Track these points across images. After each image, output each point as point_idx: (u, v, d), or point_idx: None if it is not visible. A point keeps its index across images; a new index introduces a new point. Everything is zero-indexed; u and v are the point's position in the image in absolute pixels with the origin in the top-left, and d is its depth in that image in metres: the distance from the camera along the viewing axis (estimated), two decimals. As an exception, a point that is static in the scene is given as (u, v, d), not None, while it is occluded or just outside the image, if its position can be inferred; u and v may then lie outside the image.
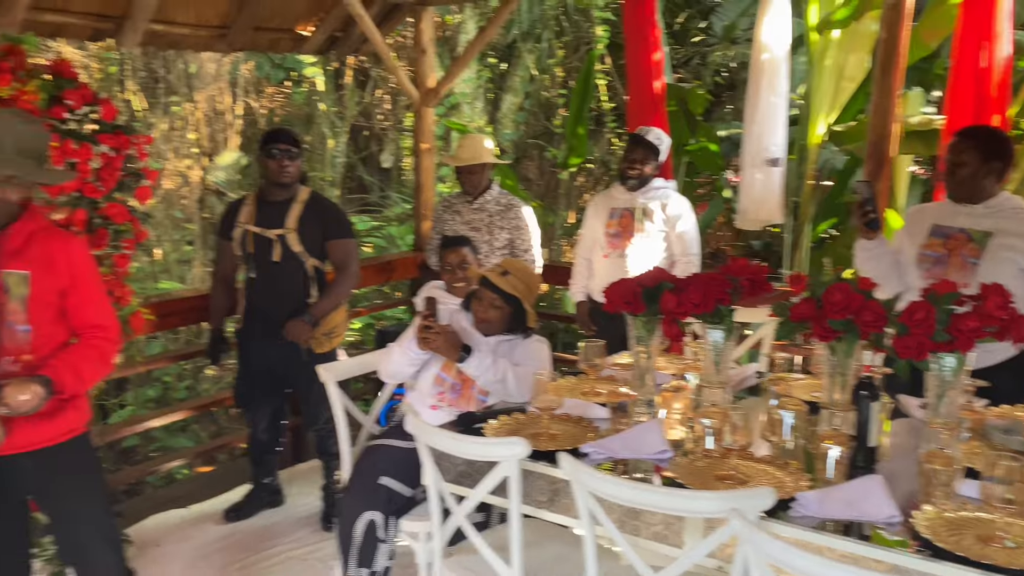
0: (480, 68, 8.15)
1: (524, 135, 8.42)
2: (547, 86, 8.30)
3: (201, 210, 8.18)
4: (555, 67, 8.26)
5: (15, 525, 2.14)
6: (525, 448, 1.92)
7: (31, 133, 1.95)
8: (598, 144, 7.84)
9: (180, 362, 6.55)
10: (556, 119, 8.16)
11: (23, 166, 1.92)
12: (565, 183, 7.45)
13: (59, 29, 3.63)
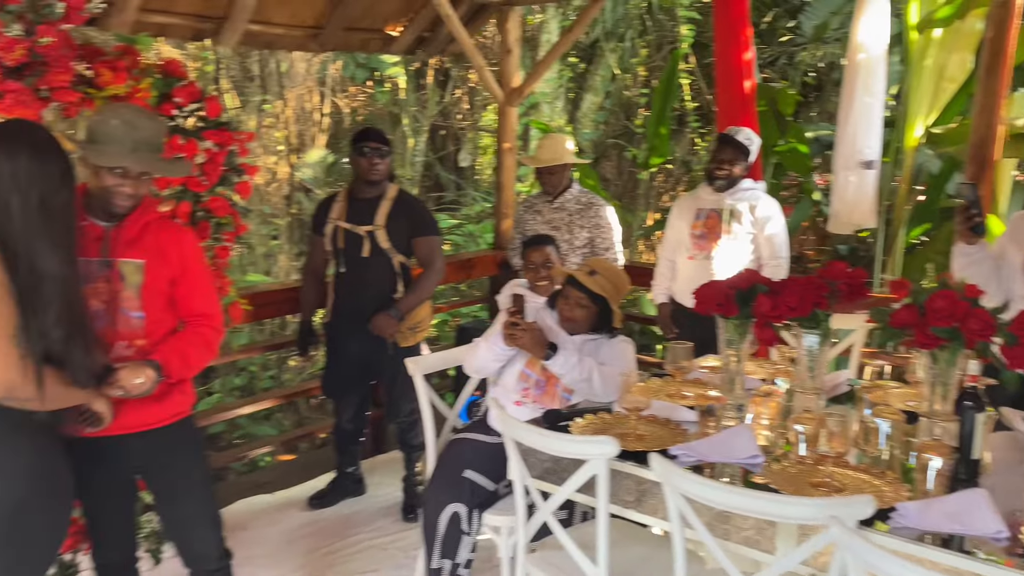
0: (561, 67, 8.16)
1: (604, 135, 8.38)
2: (628, 85, 8.24)
3: (288, 206, 8.41)
4: (637, 66, 8.19)
5: (124, 502, 2.25)
6: (615, 447, 1.93)
7: (152, 129, 2.04)
8: (679, 144, 7.75)
9: (266, 353, 6.76)
10: (637, 119, 8.09)
11: (152, 162, 2.02)
12: (644, 183, 7.39)
13: (164, 29, 3.78)
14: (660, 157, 6.35)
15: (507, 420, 2.16)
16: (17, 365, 1.65)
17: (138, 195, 2.05)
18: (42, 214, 1.73)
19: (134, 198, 2.04)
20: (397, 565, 3.21)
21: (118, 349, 2.03)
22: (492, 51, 8.32)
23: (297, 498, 3.81)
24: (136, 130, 1.99)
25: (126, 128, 1.98)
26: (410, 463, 3.70)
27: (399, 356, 3.44)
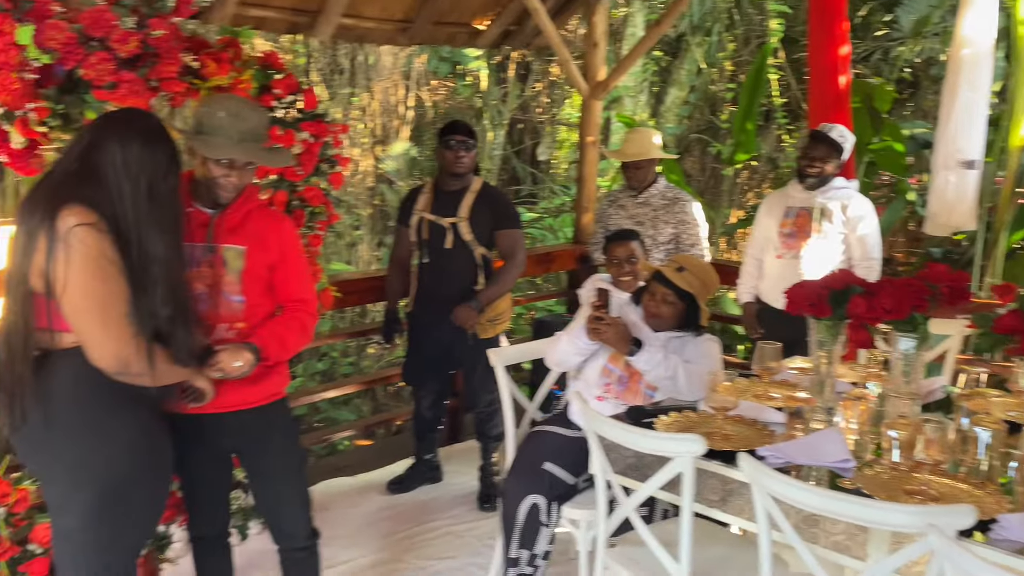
0: (645, 61, 8.07)
1: (687, 129, 8.27)
2: (714, 80, 8.10)
3: (371, 197, 8.57)
4: (724, 61, 8.05)
5: (220, 476, 2.34)
6: (701, 445, 1.91)
7: (256, 120, 2.10)
8: (766, 141, 7.59)
9: (348, 339, 6.92)
10: (723, 114, 7.95)
11: (257, 152, 2.09)
12: (728, 180, 7.25)
13: (261, 23, 3.90)
14: (746, 153, 6.23)
15: (591, 414, 2.16)
16: (131, 342, 1.73)
17: (242, 184, 2.12)
18: (151, 199, 1.81)
19: (239, 188, 2.11)
20: (474, 552, 3.24)
21: (219, 331, 2.11)
22: (575, 45, 8.31)
23: (376, 482, 3.89)
24: (242, 121, 2.06)
25: (232, 120, 2.05)
26: (487, 453, 3.74)
27: (479, 347, 3.50)
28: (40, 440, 1.80)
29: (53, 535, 1.91)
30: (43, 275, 1.70)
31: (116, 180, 1.77)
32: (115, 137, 1.79)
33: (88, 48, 2.17)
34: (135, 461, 1.86)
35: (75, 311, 1.71)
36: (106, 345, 1.72)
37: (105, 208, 1.74)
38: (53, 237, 1.67)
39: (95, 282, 1.69)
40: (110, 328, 1.71)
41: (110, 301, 1.71)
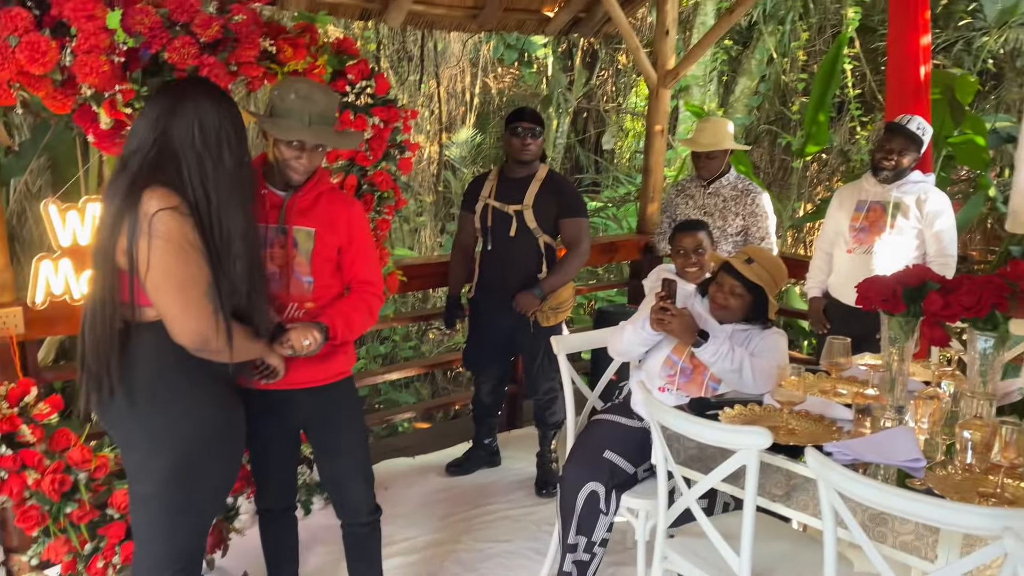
0: (714, 50, 7.94)
1: (757, 120, 8.11)
2: (786, 70, 7.93)
3: (435, 183, 8.65)
4: (797, 50, 7.87)
5: (289, 451, 2.41)
6: (767, 439, 1.89)
7: (327, 103, 2.14)
8: (838, 133, 7.40)
9: (409, 323, 7.02)
10: (794, 105, 7.78)
11: (327, 134, 2.12)
12: (797, 172, 7.10)
13: (334, 9, 3.96)
14: (817, 145, 6.08)
15: (654, 404, 2.15)
16: (210, 319, 1.79)
17: (312, 166, 2.16)
18: (231, 177, 1.85)
19: (309, 169, 2.15)
20: (530, 537, 3.27)
21: (290, 310, 2.16)
22: (643, 33, 8.22)
23: (435, 464, 3.95)
24: (313, 104, 2.09)
25: (303, 102, 2.09)
26: (545, 440, 3.75)
27: (540, 335, 3.51)
28: (122, 410, 1.87)
29: (131, 500, 1.99)
30: (127, 255, 1.76)
31: (198, 157, 1.81)
32: (190, 114, 1.82)
33: (172, 32, 2.23)
34: (210, 433, 1.93)
35: (157, 291, 1.77)
36: (187, 323, 1.78)
37: (185, 190, 1.79)
38: (137, 220, 1.73)
39: (177, 264, 1.75)
40: (191, 307, 1.77)
41: (191, 281, 1.77)
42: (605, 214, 8.04)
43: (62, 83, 2.17)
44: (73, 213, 2.46)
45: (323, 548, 3.09)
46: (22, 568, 2.74)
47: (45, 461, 2.31)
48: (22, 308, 2.59)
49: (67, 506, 2.33)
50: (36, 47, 2.03)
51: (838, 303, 3.55)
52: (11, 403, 2.33)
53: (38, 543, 2.38)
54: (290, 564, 2.53)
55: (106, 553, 2.35)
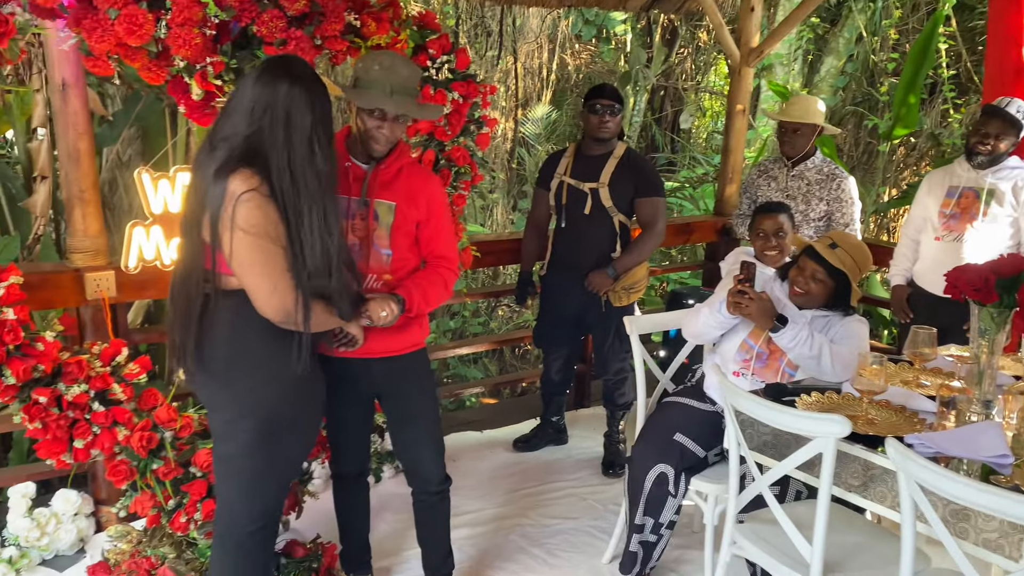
0: (800, 28, 7.69)
1: (842, 101, 7.84)
2: (876, 49, 7.62)
3: (510, 161, 8.65)
4: (889, 28, 7.55)
5: (363, 418, 2.46)
6: (845, 427, 1.85)
7: (408, 74, 2.15)
8: (928, 115, 7.10)
9: (479, 300, 7.07)
10: (883, 86, 7.49)
11: (408, 104, 2.13)
12: (883, 156, 6.84)
13: (416, -16, 3.98)
14: (905, 128, 5.85)
15: (729, 388, 2.12)
16: (292, 294, 1.84)
17: (394, 137, 2.17)
18: (316, 175, 1.87)
19: (391, 140, 2.17)
20: (596, 516, 3.27)
21: (368, 281, 2.20)
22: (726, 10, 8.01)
23: (502, 439, 3.98)
24: (394, 75, 2.11)
25: (386, 73, 2.11)
26: (613, 421, 3.74)
27: (611, 314, 3.49)
28: (210, 373, 1.94)
29: (215, 459, 2.07)
30: (210, 230, 1.81)
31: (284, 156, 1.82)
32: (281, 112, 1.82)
33: (261, 6, 2.29)
34: (292, 398, 1.98)
35: (241, 268, 1.82)
36: (271, 298, 1.83)
37: (270, 177, 1.82)
38: (223, 201, 1.78)
39: (260, 242, 1.79)
40: (274, 283, 1.82)
41: (271, 260, 1.81)
42: (681, 194, 7.91)
43: (156, 55, 2.24)
44: (164, 182, 2.56)
45: (392, 515, 3.16)
46: (110, 519, 2.88)
47: (134, 419, 2.41)
48: (115, 272, 2.71)
49: (153, 462, 2.43)
50: (134, 19, 2.10)
51: (923, 292, 3.42)
52: (104, 362, 2.44)
53: (126, 496, 2.49)
54: (361, 528, 2.60)
55: (188, 509, 2.45)
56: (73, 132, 2.61)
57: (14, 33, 2.07)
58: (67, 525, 2.83)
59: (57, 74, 2.53)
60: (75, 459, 2.36)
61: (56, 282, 2.67)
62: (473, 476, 3.58)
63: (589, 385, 4.48)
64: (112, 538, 2.66)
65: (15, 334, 2.17)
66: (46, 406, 2.27)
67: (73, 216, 2.69)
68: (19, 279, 2.22)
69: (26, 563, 2.73)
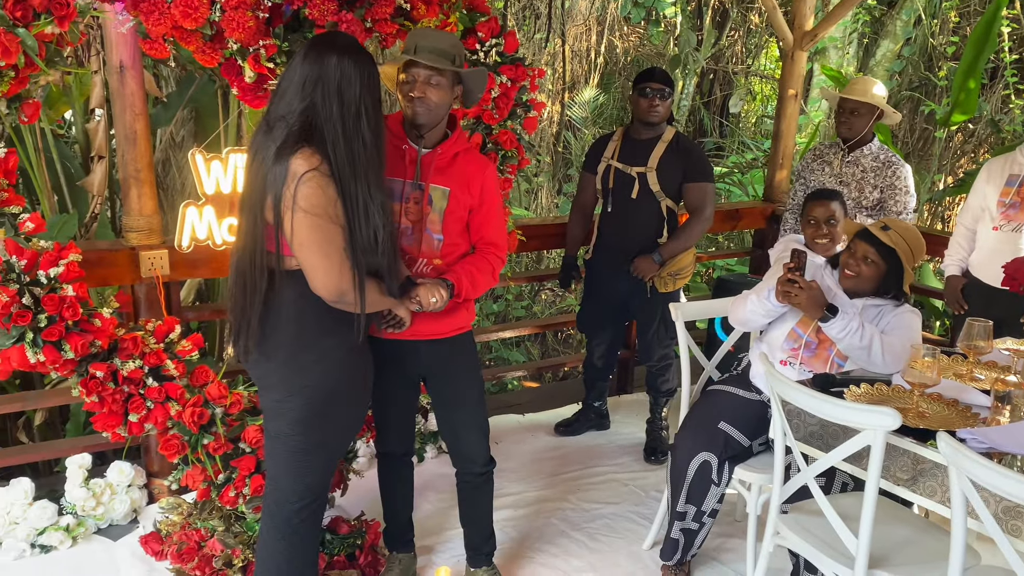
0: (856, 10, 7.50)
1: (898, 85, 7.63)
2: (935, 32, 7.40)
3: (555, 145, 8.60)
4: (949, 11, 7.32)
5: (409, 399, 2.49)
6: (895, 420, 1.81)
7: (446, 40, 2.14)
8: (989, 101, 6.88)
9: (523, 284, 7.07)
10: (941, 70, 7.27)
11: (437, 60, 2.09)
12: (940, 142, 6.65)
13: (465, -34, 3.96)
14: (964, 114, 5.67)
15: (776, 378, 2.10)
16: (347, 274, 1.87)
17: (428, 100, 2.11)
18: (368, 148, 1.89)
19: (429, 105, 2.11)
20: (637, 502, 3.27)
21: (419, 265, 2.22)
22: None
23: (544, 422, 4.00)
24: (425, 38, 2.12)
25: (421, 37, 2.12)
26: (656, 407, 3.73)
27: (657, 300, 3.46)
28: (264, 351, 1.98)
29: (265, 436, 2.11)
30: (273, 211, 1.84)
31: (339, 131, 1.85)
32: (333, 86, 1.85)
33: (313, -11, 2.30)
34: (343, 377, 2.01)
35: (300, 247, 1.85)
36: (328, 277, 1.86)
37: (327, 150, 1.85)
38: (284, 180, 1.81)
39: (320, 221, 1.82)
40: (331, 262, 1.85)
41: (331, 238, 1.84)
42: (730, 180, 7.80)
43: (211, 38, 2.28)
44: (217, 163, 2.60)
45: (435, 495, 3.20)
46: (161, 491, 2.97)
47: (186, 395, 2.48)
48: (168, 251, 2.77)
49: (204, 437, 2.49)
50: (190, 3, 2.14)
51: (979, 283, 3.34)
52: (158, 339, 2.51)
53: (177, 470, 2.56)
54: (405, 507, 2.63)
55: (237, 484, 2.51)
56: (130, 113, 2.66)
57: (75, 16, 2.12)
58: (121, 496, 2.92)
59: (115, 56, 2.59)
60: (129, 432, 2.43)
61: (112, 260, 2.75)
62: (515, 459, 3.60)
63: (632, 371, 4.46)
64: (164, 510, 2.74)
65: (74, 310, 2.23)
66: (102, 380, 2.34)
67: (129, 196, 2.75)
68: (78, 257, 2.29)
69: (82, 531, 2.82)
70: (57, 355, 2.22)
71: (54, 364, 2.23)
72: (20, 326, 2.15)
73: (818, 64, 7.60)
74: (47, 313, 2.18)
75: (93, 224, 4.15)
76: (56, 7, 2.07)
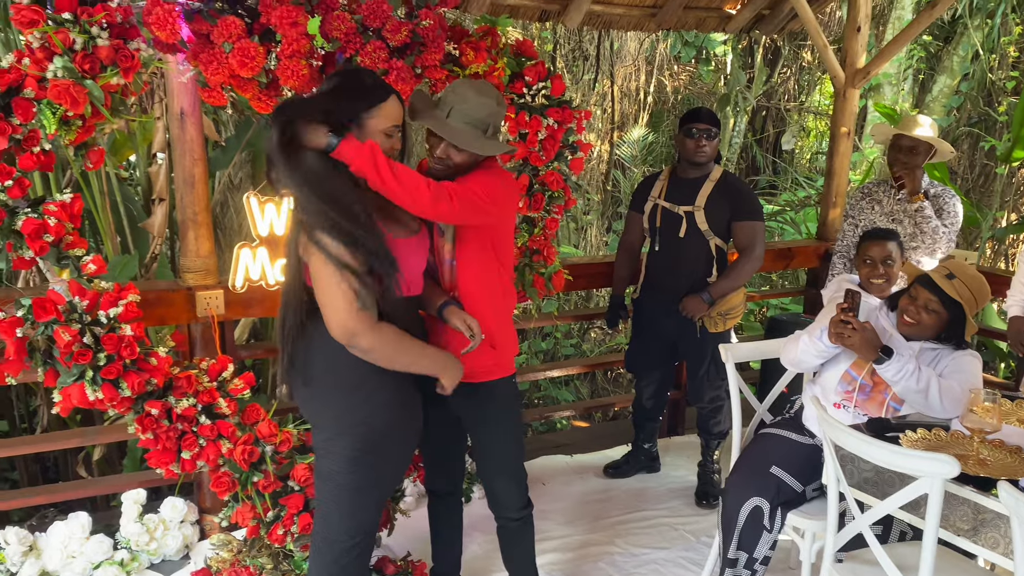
0: (911, 46, 7.41)
1: (956, 121, 7.49)
2: (994, 67, 7.26)
3: (605, 183, 8.63)
4: (1008, 45, 7.18)
5: (451, 437, 2.48)
6: (953, 467, 1.75)
7: (479, 104, 2.11)
8: (1052, 136, 6.67)
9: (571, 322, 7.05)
10: (1001, 105, 7.11)
11: (465, 136, 2.09)
12: (1001, 179, 6.48)
13: (515, 11, 4.04)
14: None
15: (829, 422, 2.05)
16: (358, 316, 1.84)
17: (449, 161, 2.11)
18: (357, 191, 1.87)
19: (447, 164, 2.11)
20: (687, 547, 3.20)
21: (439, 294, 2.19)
22: (831, 28, 7.81)
23: (592, 464, 3.96)
24: (460, 101, 2.10)
25: (453, 97, 2.11)
26: (708, 450, 3.66)
27: (707, 341, 3.42)
28: (312, 391, 2.01)
29: (316, 474, 2.12)
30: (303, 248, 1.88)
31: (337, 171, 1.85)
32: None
33: (365, 38, 2.37)
34: (391, 416, 2.02)
35: (316, 285, 1.87)
36: (337, 315, 1.84)
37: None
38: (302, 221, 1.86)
39: (329, 268, 1.82)
40: (340, 301, 1.83)
41: (339, 279, 1.82)
42: (782, 218, 7.71)
43: (266, 85, 2.36)
44: (271, 205, 2.68)
45: (482, 536, 3.18)
46: (213, 528, 3.01)
47: (237, 432, 2.52)
48: (223, 291, 2.84)
49: (254, 475, 2.52)
50: (247, 52, 2.22)
51: (1044, 324, 3.22)
52: (211, 377, 2.56)
53: (228, 507, 2.60)
54: (452, 547, 2.62)
55: (286, 522, 2.53)
56: (189, 158, 2.76)
57: (139, 67, 2.21)
58: (174, 531, 2.97)
59: (176, 104, 2.70)
60: (182, 469, 2.47)
61: (169, 300, 2.83)
62: (562, 501, 3.56)
63: (684, 412, 4.40)
64: (215, 546, 2.77)
65: (132, 349, 2.30)
66: (157, 418, 2.40)
67: (187, 237, 2.84)
68: (136, 297, 2.36)
69: (136, 566, 2.88)
70: (115, 393, 2.28)
71: (112, 401, 2.29)
72: (81, 364, 2.22)
73: (871, 101, 7.51)
74: (106, 352, 2.25)
75: (153, 264, 4.29)
76: (121, 59, 2.17)
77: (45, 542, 2.84)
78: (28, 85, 2.09)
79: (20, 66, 2.09)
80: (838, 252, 3.76)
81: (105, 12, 2.12)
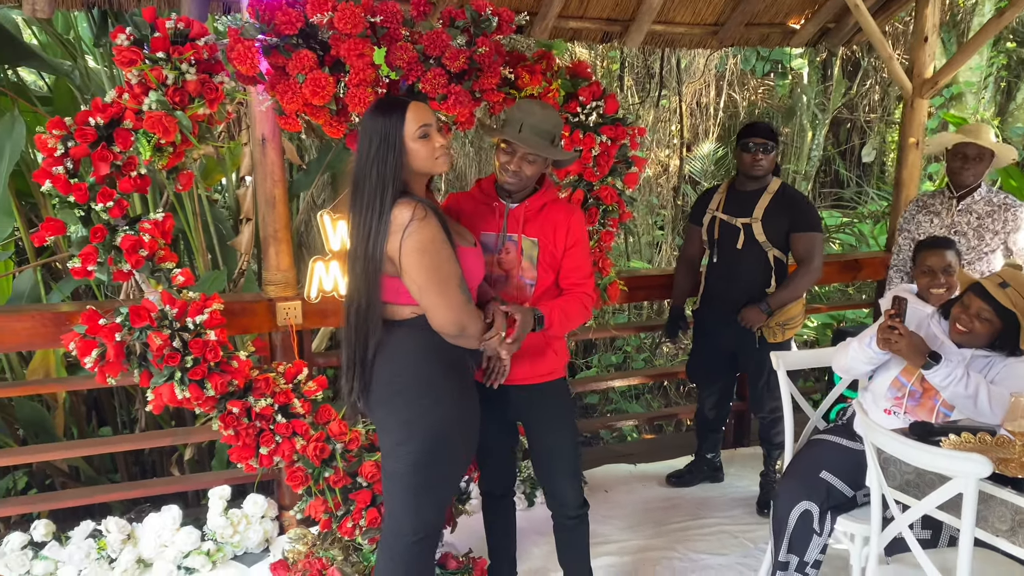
0: (993, 54, 7.21)
1: (1041, 130, 7.24)
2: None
3: (675, 198, 8.66)
4: (1094, 50, 6.92)
5: (507, 441, 2.62)
6: (985, 467, 1.79)
7: (545, 117, 2.32)
8: None
9: (640, 334, 7.10)
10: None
11: (537, 144, 2.30)
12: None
13: (576, 34, 4.19)
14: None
15: (869, 424, 2.10)
16: (464, 308, 2.03)
17: (524, 174, 2.32)
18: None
19: (520, 176, 2.32)
20: (745, 554, 3.24)
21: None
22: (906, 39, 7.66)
23: (656, 473, 4.02)
24: (528, 115, 2.31)
25: (520, 113, 2.33)
26: (770, 460, 3.68)
27: (766, 351, 3.44)
28: (382, 396, 2.13)
29: (383, 475, 2.24)
30: (392, 260, 2.02)
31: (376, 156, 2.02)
32: (367, 120, 2.04)
33: (426, 66, 2.55)
34: (456, 419, 2.13)
35: (418, 288, 2.01)
36: (449, 312, 2.01)
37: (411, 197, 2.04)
38: (389, 232, 1.99)
39: (433, 261, 1.98)
40: (449, 298, 2.00)
41: (445, 276, 2.00)
42: (850, 230, 7.58)
43: (336, 112, 2.56)
44: (343, 222, 2.88)
45: (544, 540, 3.28)
46: (290, 522, 3.22)
47: (311, 431, 2.72)
48: (301, 302, 3.06)
49: (326, 471, 2.71)
50: (318, 82, 2.43)
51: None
52: (287, 380, 2.77)
53: (302, 501, 2.80)
54: (506, 546, 2.74)
55: (355, 516, 2.70)
56: (270, 180, 3.00)
57: (223, 99, 2.45)
58: (255, 526, 3.20)
59: (258, 130, 2.94)
60: (260, 464, 2.68)
61: (252, 310, 3.07)
62: (624, 507, 3.64)
63: (749, 424, 4.41)
64: (291, 540, 2.97)
65: (215, 352, 2.53)
66: (238, 416, 2.61)
67: (268, 253, 3.08)
68: (220, 306, 2.59)
69: (221, 556, 3.11)
70: (200, 392, 2.51)
71: (197, 400, 2.52)
72: (171, 366, 2.46)
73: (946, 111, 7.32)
74: (193, 355, 2.48)
75: (241, 279, 4.59)
76: (207, 92, 2.41)
77: (141, 532, 3.11)
78: (127, 117, 2.35)
79: (121, 100, 2.36)
80: (894, 266, 3.72)
81: (193, 50, 2.37)
